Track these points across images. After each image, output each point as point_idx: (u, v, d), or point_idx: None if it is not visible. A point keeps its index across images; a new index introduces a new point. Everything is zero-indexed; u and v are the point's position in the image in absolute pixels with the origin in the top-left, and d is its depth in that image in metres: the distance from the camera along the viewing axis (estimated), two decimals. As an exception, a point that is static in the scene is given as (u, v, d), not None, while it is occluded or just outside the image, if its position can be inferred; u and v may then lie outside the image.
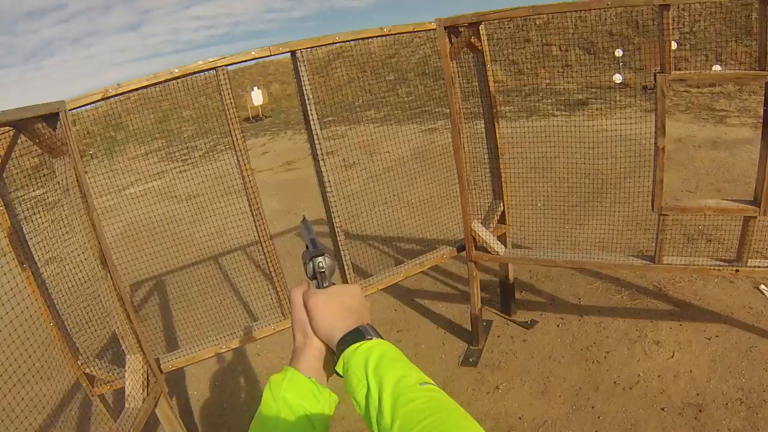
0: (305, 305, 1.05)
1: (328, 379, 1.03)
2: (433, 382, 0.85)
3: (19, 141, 2.84)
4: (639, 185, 4.51)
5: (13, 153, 2.86)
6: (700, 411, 3.61)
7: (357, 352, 0.91)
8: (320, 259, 1.14)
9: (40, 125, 2.81)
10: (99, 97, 3.17)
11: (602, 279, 5.41)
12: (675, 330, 4.46)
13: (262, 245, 3.80)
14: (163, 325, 6.03)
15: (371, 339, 0.95)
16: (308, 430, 0.88)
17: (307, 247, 1.23)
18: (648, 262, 3.90)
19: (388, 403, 0.79)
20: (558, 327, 4.85)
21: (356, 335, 0.96)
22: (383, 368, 0.86)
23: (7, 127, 2.73)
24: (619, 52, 13.72)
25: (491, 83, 4.19)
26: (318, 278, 1.14)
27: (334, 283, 1.12)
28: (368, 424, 0.83)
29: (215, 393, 4.89)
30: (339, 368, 0.94)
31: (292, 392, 0.91)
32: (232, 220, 4.55)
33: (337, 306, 1.04)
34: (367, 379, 0.85)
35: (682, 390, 3.82)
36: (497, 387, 4.28)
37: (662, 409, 3.70)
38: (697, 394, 3.75)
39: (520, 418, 3.93)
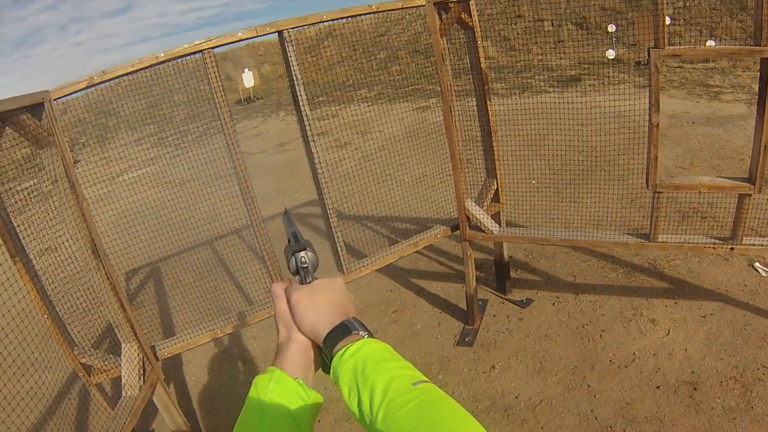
0: (288, 301, 1.03)
1: (315, 373, 1.02)
2: (426, 379, 0.82)
3: (8, 133, 2.80)
4: (633, 162, 4.49)
5: (3, 145, 2.82)
6: (695, 389, 3.63)
7: (344, 358, 0.89)
8: (302, 254, 1.10)
9: (25, 116, 2.77)
10: (84, 84, 3.13)
11: (597, 257, 5.41)
12: (670, 308, 4.47)
13: (254, 228, 3.78)
14: (159, 312, 6.02)
15: (357, 335, 0.93)
16: (293, 431, 0.87)
17: (289, 241, 1.19)
18: (643, 240, 3.89)
19: (380, 412, 0.77)
20: (553, 305, 4.86)
21: (342, 330, 0.94)
22: (371, 373, 0.84)
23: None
24: (612, 28, 13.63)
25: (482, 60, 4.15)
26: (301, 274, 1.10)
27: (317, 278, 1.09)
28: (366, 429, 0.82)
29: (212, 378, 4.90)
30: (332, 376, 0.92)
31: (279, 395, 0.89)
32: (225, 204, 4.53)
33: (320, 301, 1.01)
34: (357, 388, 0.83)
35: (677, 368, 3.84)
36: (493, 366, 4.29)
37: (657, 387, 3.72)
38: (692, 372, 3.77)
39: (516, 397, 3.95)
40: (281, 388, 0.90)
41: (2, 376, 3.16)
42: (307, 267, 1.10)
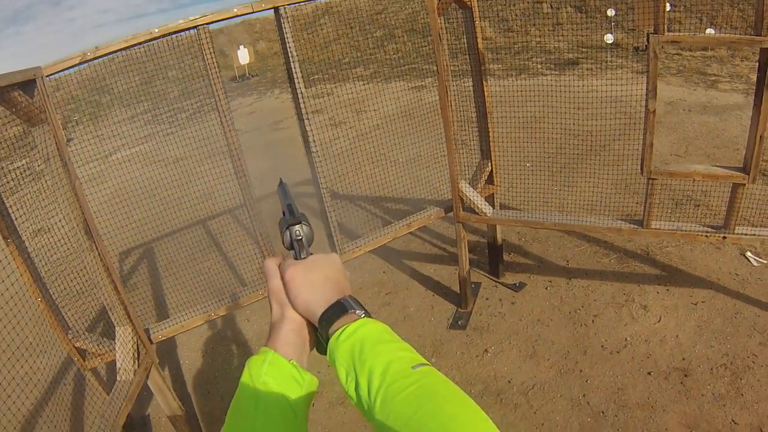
0: (282, 277, 1.00)
1: (310, 353, 0.99)
2: (425, 361, 0.81)
3: (-1, 111, 2.77)
4: (628, 147, 4.49)
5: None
6: (686, 375, 3.66)
7: (341, 340, 0.87)
8: (297, 227, 1.06)
9: (16, 93, 2.73)
10: (77, 61, 3.09)
11: (590, 242, 5.43)
12: (662, 295, 4.50)
13: (247, 208, 3.77)
14: (153, 294, 6.02)
15: (354, 314, 0.91)
16: (288, 415, 0.85)
17: (284, 213, 1.15)
18: (636, 227, 3.90)
19: (378, 396, 0.76)
20: (546, 290, 4.88)
21: (338, 309, 0.92)
22: (369, 356, 0.82)
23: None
24: (611, 12, 13.48)
25: (480, 40, 4.12)
26: (295, 248, 1.06)
27: (312, 253, 1.05)
28: (363, 414, 0.81)
29: (207, 361, 4.92)
30: (328, 358, 0.90)
31: (273, 377, 0.87)
32: (219, 182, 4.51)
33: (315, 278, 0.98)
34: (355, 372, 0.82)
35: (668, 354, 3.88)
36: (486, 350, 4.32)
37: (649, 373, 3.75)
38: (683, 359, 3.81)
39: (509, 381, 3.98)
40: (275, 370, 0.88)
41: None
42: (301, 240, 1.06)
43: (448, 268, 5.53)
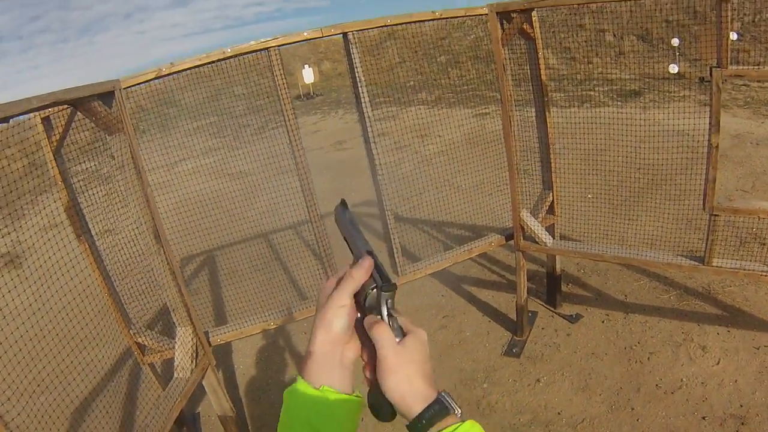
0: (381, 358, 0.94)
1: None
2: None
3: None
4: (692, 182, 4.40)
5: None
6: (743, 423, 3.53)
7: None
8: (389, 295, 0.95)
9: (96, 104, 2.88)
10: (153, 75, 3.25)
11: (650, 276, 5.32)
12: (722, 336, 4.36)
13: (312, 224, 3.85)
14: (213, 300, 6.16)
15: (455, 415, 0.90)
16: None
17: (349, 247, 1.05)
18: (697, 263, 3.81)
19: None
20: (603, 323, 4.81)
21: (440, 409, 0.90)
22: None
23: (65, 106, 2.81)
24: (675, 41, 13.23)
25: (543, 71, 4.14)
26: (390, 323, 0.96)
27: (401, 326, 0.97)
28: None
29: (261, 368, 5.00)
30: None
31: (309, 409, 0.90)
32: (284, 198, 4.60)
33: (413, 371, 0.94)
34: None
35: (725, 400, 3.75)
36: (538, 380, 4.28)
37: (703, 417, 3.64)
38: (741, 406, 3.68)
39: (559, 413, 3.92)
40: (317, 395, 0.91)
41: (65, 349, 3.30)
42: (393, 315, 0.96)
43: (505, 296, 5.51)
